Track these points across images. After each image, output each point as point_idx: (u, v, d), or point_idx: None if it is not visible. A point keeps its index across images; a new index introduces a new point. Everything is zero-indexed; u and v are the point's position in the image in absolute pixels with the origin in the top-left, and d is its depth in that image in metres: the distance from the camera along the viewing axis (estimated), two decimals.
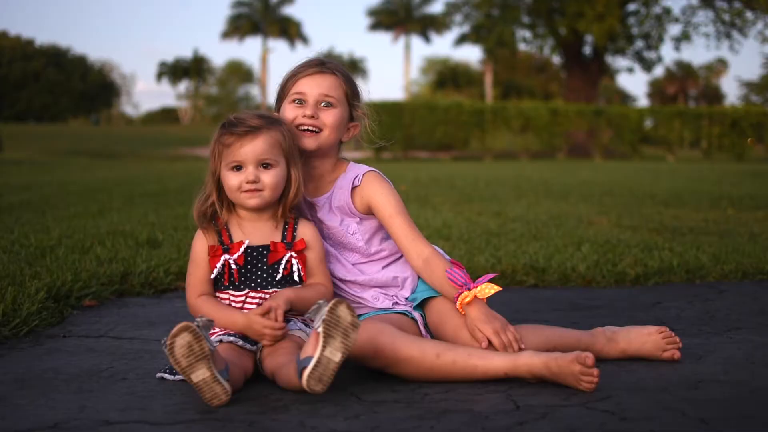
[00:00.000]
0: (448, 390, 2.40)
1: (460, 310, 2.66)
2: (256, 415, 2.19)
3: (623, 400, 2.29)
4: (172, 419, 2.16)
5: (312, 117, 2.78)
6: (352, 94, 2.89)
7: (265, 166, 2.66)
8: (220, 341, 2.56)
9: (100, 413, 2.20)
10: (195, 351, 2.22)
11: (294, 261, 2.69)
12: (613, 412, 2.19)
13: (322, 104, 2.81)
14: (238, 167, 2.65)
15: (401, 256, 2.90)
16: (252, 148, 2.64)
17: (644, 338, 2.75)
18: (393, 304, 2.81)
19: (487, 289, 2.63)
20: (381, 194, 2.84)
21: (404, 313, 2.77)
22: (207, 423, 2.13)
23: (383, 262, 2.89)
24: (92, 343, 3.04)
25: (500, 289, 2.65)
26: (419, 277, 2.87)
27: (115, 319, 3.47)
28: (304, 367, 2.28)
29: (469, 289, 2.64)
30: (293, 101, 2.82)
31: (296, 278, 2.70)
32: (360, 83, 2.97)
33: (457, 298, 2.65)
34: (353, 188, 2.85)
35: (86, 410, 2.22)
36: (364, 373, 2.60)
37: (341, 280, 2.86)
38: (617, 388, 2.41)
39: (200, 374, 2.23)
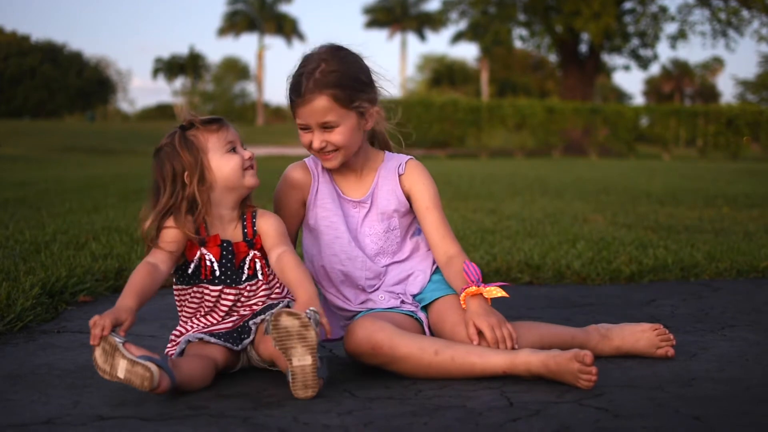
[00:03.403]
0: (442, 386, 2.41)
1: (462, 303, 2.66)
2: (249, 411, 2.19)
3: (616, 397, 2.29)
4: (165, 415, 2.16)
5: (323, 143, 2.71)
6: (351, 97, 2.68)
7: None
8: (188, 341, 2.56)
9: (93, 408, 2.20)
10: (107, 350, 2.27)
11: (257, 260, 2.65)
12: (606, 409, 2.19)
13: (325, 128, 2.70)
14: (233, 149, 2.64)
15: (419, 251, 2.91)
16: (232, 129, 2.67)
17: (638, 335, 2.76)
18: (400, 303, 2.80)
19: (495, 291, 2.63)
20: (422, 183, 2.85)
21: (410, 314, 2.76)
22: (200, 418, 2.13)
23: (407, 262, 2.88)
24: (86, 338, 3.02)
25: (507, 295, 2.65)
26: (430, 278, 2.87)
27: None
28: (288, 381, 2.31)
29: (478, 286, 2.64)
30: (300, 128, 2.75)
31: (260, 276, 2.66)
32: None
33: (464, 290, 2.65)
34: (399, 176, 2.85)
35: (80, 405, 2.22)
36: (358, 370, 2.60)
37: (360, 288, 2.85)
38: (611, 385, 2.41)
39: (121, 367, 2.25)
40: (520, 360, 2.44)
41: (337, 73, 2.67)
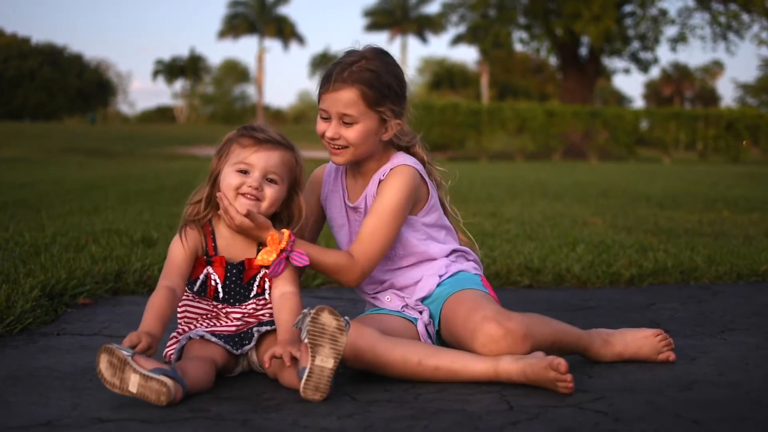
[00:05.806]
0: (441, 390, 2.40)
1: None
2: (248, 414, 2.19)
3: (616, 401, 2.29)
4: (165, 417, 2.15)
5: (335, 137, 2.70)
6: (379, 100, 2.67)
7: (270, 180, 2.61)
8: (189, 338, 2.57)
9: (93, 411, 2.20)
10: (115, 364, 2.23)
11: (267, 279, 2.65)
12: (606, 413, 2.19)
13: (343, 122, 2.69)
14: (245, 171, 2.59)
15: (430, 258, 2.86)
16: (267, 156, 2.60)
17: (641, 342, 2.74)
18: (402, 307, 2.78)
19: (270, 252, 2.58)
20: (388, 189, 2.73)
21: (411, 320, 2.74)
22: (199, 421, 2.13)
23: (414, 269, 2.85)
24: (86, 341, 3.03)
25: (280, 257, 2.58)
26: (440, 282, 2.81)
27: (109, 317, 3.46)
28: (301, 378, 2.29)
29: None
30: (320, 116, 2.75)
31: (267, 296, 2.66)
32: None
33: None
34: (380, 181, 2.78)
35: (79, 408, 2.22)
36: (357, 373, 2.60)
37: (362, 290, 2.87)
38: (610, 389, 2.41)
39: (133, 381, 2.21)
40: (502, 369, 2.43)
41: (374, 73, 2.68)
